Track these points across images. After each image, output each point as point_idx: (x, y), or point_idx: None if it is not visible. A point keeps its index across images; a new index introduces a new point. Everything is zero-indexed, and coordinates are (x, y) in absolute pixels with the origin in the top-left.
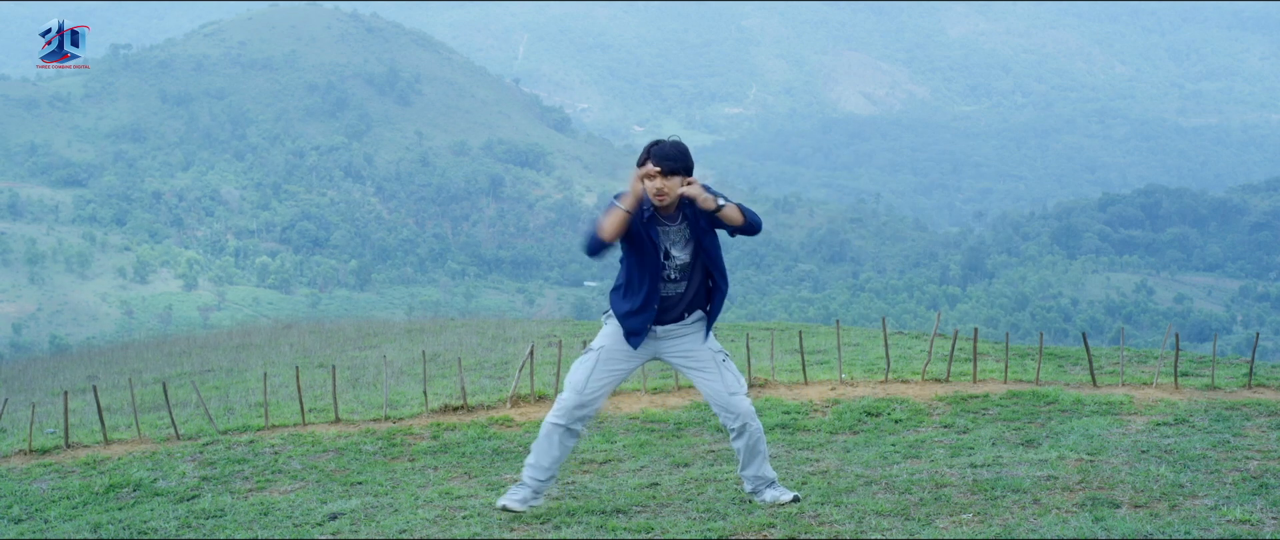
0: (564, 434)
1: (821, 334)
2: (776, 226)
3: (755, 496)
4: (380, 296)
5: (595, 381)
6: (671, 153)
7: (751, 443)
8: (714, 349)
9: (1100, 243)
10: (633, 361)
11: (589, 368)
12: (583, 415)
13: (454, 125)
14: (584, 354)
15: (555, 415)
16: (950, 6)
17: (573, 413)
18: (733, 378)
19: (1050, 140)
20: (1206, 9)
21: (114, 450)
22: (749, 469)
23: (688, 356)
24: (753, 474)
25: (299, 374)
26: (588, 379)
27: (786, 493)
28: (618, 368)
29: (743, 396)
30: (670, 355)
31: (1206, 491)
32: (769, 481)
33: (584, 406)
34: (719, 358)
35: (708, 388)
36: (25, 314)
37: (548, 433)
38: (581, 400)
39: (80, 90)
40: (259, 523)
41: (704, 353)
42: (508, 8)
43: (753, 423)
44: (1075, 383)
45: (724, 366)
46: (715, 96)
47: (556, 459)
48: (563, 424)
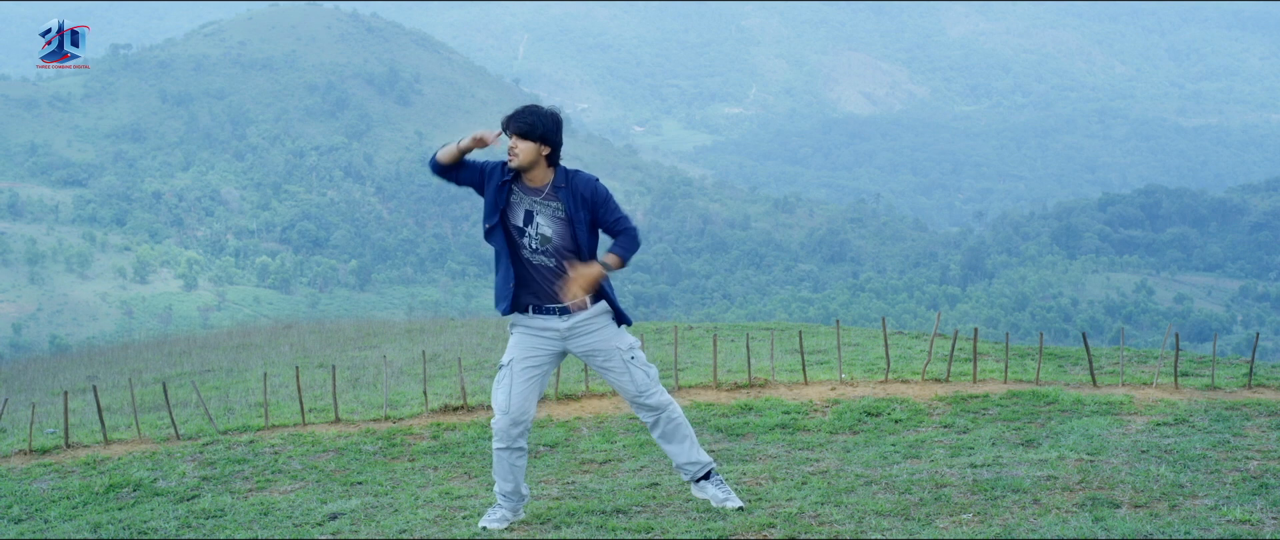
0: (511, 454)
1: (821, 334)
2: (776, 226)
3: (695, 487)
4: (380, 296)
5: (517, 394)
6: (522, 113)
7: (667, 429)
8: (623, 347)
9: (1100, 243)
10: (546, 363)
11: (507, 384)
12: (520, 431)
13: (454, 125)
14: (497, 372)
15: (495, 441)
16: (950, 6)
17: (509, 432)
18: (642, 374)
19: (1050, 140)
20: (1206, 9)
21: (114, 450)
22: (677, 458)
23: (595, 354)
24: (683, 461)
25: (299, 374)
26: (509, 395)
27: (734, 498)
28: (532, 373)
29: (653, 393)
30: (579, 351)
31: (1206, 491)
32: (704, 467)
33: (517, 423)
34: (628, 356)
35: (619, 384)
36: (25, 314)
37: (496, 459)
38: (512, 418)
39: (80, 90)
40: (259, 523)
41: (611, 351)
42: (508, 8)
43: (667, 410)
44: (1075, 383)
45: (632, 364)
46: (715, 96)
47: (516, 478)
48: (505, 446)
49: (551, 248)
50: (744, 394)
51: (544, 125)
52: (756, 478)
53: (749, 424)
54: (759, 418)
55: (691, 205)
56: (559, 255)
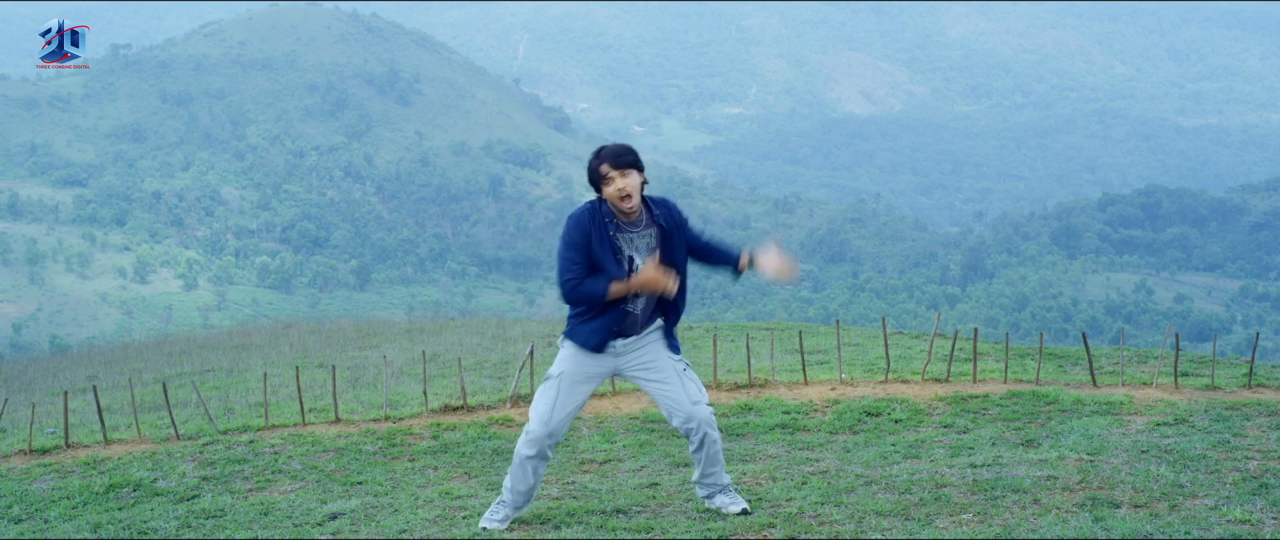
0: (537, 461)
1: (821, 334)
2: (776, 226)
3: (708, 501)
4: (380, 296)
5: (561, 409)
6: (620, 150)
7: (712, 452)
8: (675, 358)
9: (1100, 243)
10: (594, 382)
11: (553, 396)
12: (553, 442)
13: (454, 125)
14: (545, 382)
15: (526, 446)
16: (950, 6)
17: (543, 442)
18: (695, 387)
19: (1050, 140)
20: (1206, 9)
21: (114, 450)
22: (709, 477)
23: (649, 368)
24: (712, 481)
25: (299, 374)
26: (552, 408)
27: (739, 501)
28: (580, 390)
29: (705, 405)
30: (631, 369)
31: (1206, 491)
32: (723, 487)
33: (553, 436)
34: (680, 367)
35: (670, 397)
36: (25, 314)
37: (520, 463)
38: (550, 430)
39: (80, 90)
40: (259, 523)
41: (665, 362)
42: (508, 8)
43: (712, 431)
44: (1075, 383)
45: (686, 375)
46: (715, 96)
47: (532, 484)
48: (534, 454)
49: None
50: (744, 394)
51: (638, 156)
52: (756, 478)
53: (749, 424)
54: (759, 418)
55: (691, 205)
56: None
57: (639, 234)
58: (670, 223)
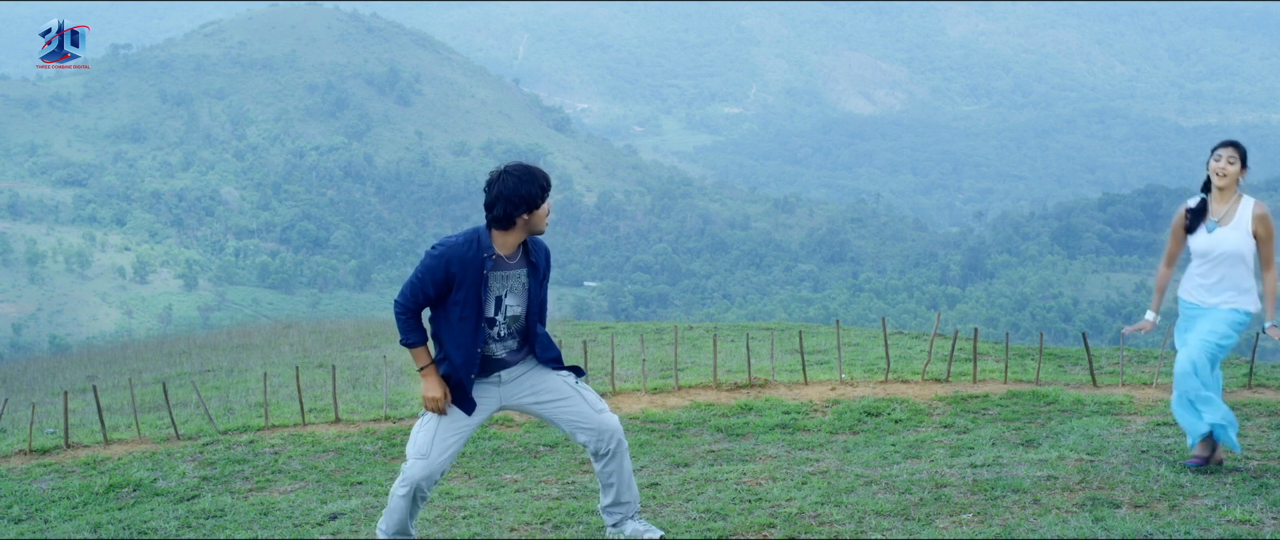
0: (414, 500)
1: (821, 334)
2: (776, 226)
3: (615, 529)
4: (380, 296)
5: (440, 445)
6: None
7: (624, 469)
8: (563, 374)
9: (1100, 243)
10: (477, 420)
11: (432, 432)
12: (432, 482)
13: (454, 125)
14: (423, 416)
15: (402, 485)
16: (950, 6)
17: (423, 482)
18: (593, 396)
19: (1050, 140)
20: (1206, 9)
21: (114, 450)
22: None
23: (540, 391)
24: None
25: (299, 374)
26: (432, 444)
27: (652, 529)
28: (463, 428)
29: (609, 413)
30: (520, 398)
31: (1206, 491)
32: (634, 513)
33: (432, 474)
34: (571, 380)
35: (573, 413)
36: (25, 314)
37: (396, 504)
38: (429, 470)
39: (80, 90)
40: (259, 523)
41: (556, 381)
42: (508, 8)
43: (624, 441)
44: (1075, 383)
45: (580, 387)
46: (715, 96)
47: (409, 523)
48: (409, 492)
49: (517, 327)
50: (744, 394)
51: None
52: (756, 478)
53: (749, 424)
54: (759, 418)
55: (691, 205)
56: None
57: (513, 273)
58: (545, 265)
